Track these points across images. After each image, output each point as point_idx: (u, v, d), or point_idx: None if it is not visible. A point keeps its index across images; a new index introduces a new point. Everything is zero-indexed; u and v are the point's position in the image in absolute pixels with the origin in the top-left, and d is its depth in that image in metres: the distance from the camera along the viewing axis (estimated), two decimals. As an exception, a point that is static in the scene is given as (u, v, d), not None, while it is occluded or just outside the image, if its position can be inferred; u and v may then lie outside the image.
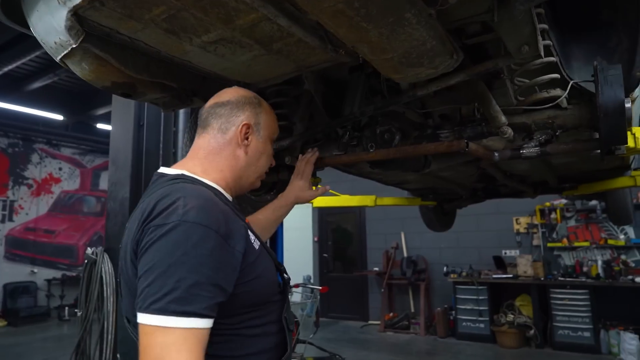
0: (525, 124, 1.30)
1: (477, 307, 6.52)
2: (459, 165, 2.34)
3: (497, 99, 1.53)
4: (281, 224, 3.59)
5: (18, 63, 5.97)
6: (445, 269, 6.97)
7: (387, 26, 0.93)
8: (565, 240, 6.53)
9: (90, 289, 3.04)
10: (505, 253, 7.07)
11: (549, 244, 6.68)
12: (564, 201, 6.43)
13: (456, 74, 1.25)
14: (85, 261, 3.08)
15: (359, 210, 8.78)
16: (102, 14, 1.12)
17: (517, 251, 6.96)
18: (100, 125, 9.75)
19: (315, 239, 9.61)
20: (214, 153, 1.07)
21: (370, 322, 8.25)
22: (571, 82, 1.20)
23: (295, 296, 4.98)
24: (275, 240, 3.58)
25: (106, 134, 10.01)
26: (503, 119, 1.26)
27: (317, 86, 1.69)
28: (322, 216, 9.61)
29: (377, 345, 6.87)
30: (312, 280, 9.52)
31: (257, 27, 1.21)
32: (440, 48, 1.07)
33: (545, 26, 1.23)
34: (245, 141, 1.08)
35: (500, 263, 6.81)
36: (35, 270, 9.61)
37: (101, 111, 8.47)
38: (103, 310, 2.97)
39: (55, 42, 1.18)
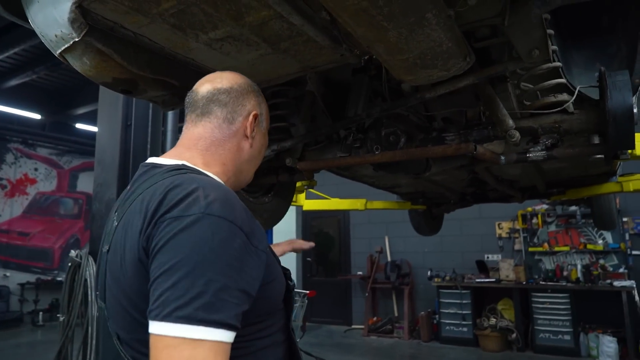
0: (532, 128, 1.32)
1: (460, 311, 6.58)
2: (453, 170, 2.36)
3: (503, 104, 1.55)
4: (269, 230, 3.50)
5: (-5, 59, 5.77)
6: (429, 273, 7.02)
7: (407, 26, 0.93)
8: (546, 244, 6.67)
9: (73, 293, 2.94)
10: (488, 257, 7.17)
11: (530, 249, 6.80)
12: (545, 206, 6.57)
13: (466, 77, 1.25)
14: (69, 264, 2.97)
15: (343, 214, 8.78)
16: (108, 7, 1.08)
17: (499, 255, 7.07)
18: (79, 125, 9.51)
19: (299, 242, 9.56)
20: (216, 145, 0.94)
21: (353, 326, 8.25)
22: (578, 88, 1.21)
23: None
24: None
25: (86, 134, 9.77)
26: (510, 122, 1.27)
27: (319, 87, 1.67)
28: (306, 220, 9.58)
29: (360, 349, 6.86)
30: (295, 285, 9.45)
31: (266, 25, 1.19)
32: (455, 50, 1.06)
33: (552, 31, 1.24)
34: (253, 132, 0.98)
35: (482, 267, 6.91)
36: (8, 274, 9.25)
37: (81, 110, 8.26)
38: (87, 315, 2.87)
39: (56, 35, 1.14)
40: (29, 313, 9.05)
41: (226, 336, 0.67)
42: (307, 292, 4.47)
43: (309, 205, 3.57)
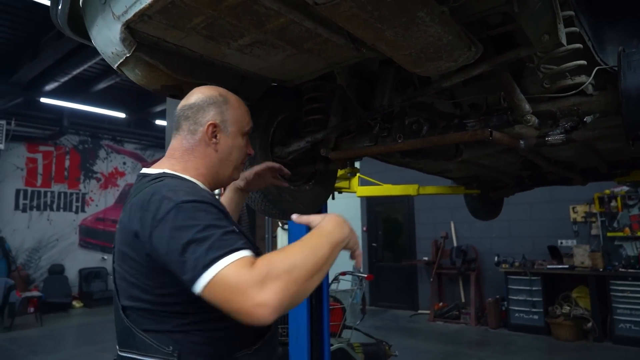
0: (550, 112, 1.31)
1: (530, 298, 6.33)
2: (498, 153, 2.33)
3: (528, 87, 1.54)
4: (326, 210, 3.67)
5: (84, 67, 6.45)
6: (496, 258, 6.80)
7: (400, 25, 1.00)
8: (627, 229, 6.15)
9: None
10: (561, 243, 6.78)
11: (608, 234, 6.32)
12: (625, 188, 6.05)
13: (478, 65, 1.28)
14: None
15: (408, 199, 8.72)
16: (151, 26, 1.27)
17: (574, 241, 6.65)
18: (158, 122, 10.34)
19: (364, 228, 9.68)
20: (187, 153, 1.12)
21: (419, 311, 8.24)
22: (596, 68, 1.19)
23: (344, 284, 5.09)
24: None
25: (164, 129, 10.62)
26: (527, 107, 1.28)
27: (349, 81, 1.76)
28: (371, 206, 9.65)
29: (425, 334, 6.87)
30: (362, 270, 9.62)
31: (287, 30, 1.31)
32: (457, 42, 1.11)
33: (572, 13, 1.23)
34: (214, 139, 1.11)
35: (555, 253, 6.55)
36: (105, 257, 10.43)
37: (158, 108, 8.99)
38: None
39: (112, 52, 1.35)
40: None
41: (245, 253, 0.84)
42: (365, 275, 4.58)
43: (362, 191, 3.66)
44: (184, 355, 0.94)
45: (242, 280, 0.79)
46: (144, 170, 1.12)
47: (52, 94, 7.81)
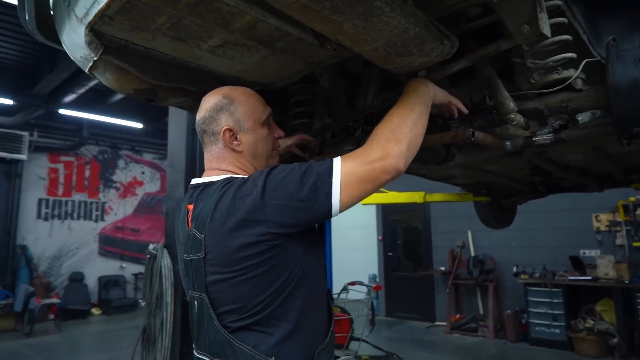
0: (537, 109, 1.21)
1: (551, 311, 6.06)
2: (501, 158, 2.22)
3: (522, 84, 1.44)
4: (328, 225, 3.59)
5: (100, 78, 6.58)
6: (515, 269, 6.56)
7: (358, 17, 0.93)
8: (656, 239, 5.85)
9: (151, 281, 3.29)
10: (584, 253, 6.49)
11: (634, 244, 6.00)
12: (652, 195, 5.76)
13: (458, 61, 1.20)
14: (147, 256, 3.34)
15: (424, 207, 8.55)
16: (115, 28, 1.23)
17: (598, 251, 6.35)
18: (175, 131, 10.46)
19: (380, 237, 9.53)
20: (222, 160, 1.19)
21: (436, 323, 8.01)
22: (584, 61, 1.09)
23: (353, 294, 4.97)
24: (324, 245, 3.59)
25: (181, 139, 10.78)
26: (512, 105, 1.18)
27: (334, 82, 1.70)
28: (386, 214, 9.50)
29: (442, 347, 6.65)
30: (377, 279, 9.45)
31: (254, 29, 1.25)
32: (427, 35, 1.03)
33: (559, 2, 1.14)
34: (236, 141, 1.17)
35: (578, 264, 6.27)
36: (124, 265, 10.58)
37: (175, 118, 9.11)
38: (163, 300, 3.20)
39: (80, 57, 1.32)
40: (141, 299, 10.26)
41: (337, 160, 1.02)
42: (372, 285, 4.46)
43: (366, 199, 3.57)
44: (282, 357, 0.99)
45: (363, 160, 1.01)
46: (203, 180, 1.18)
47: (71, 106, 8.01)
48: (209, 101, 1.22)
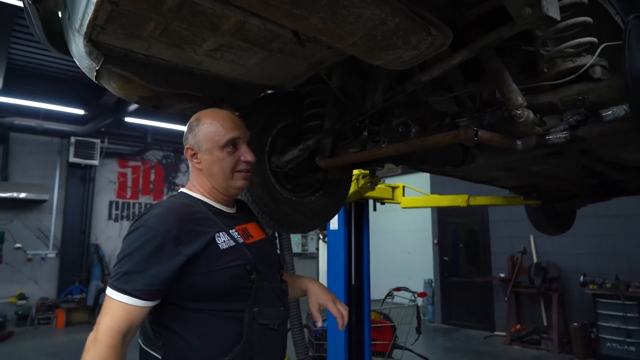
0: (551, 104, 1.05)
1: (624, 326, 5.47)
2: (542, 158, 2.02)
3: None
4: (367, 222, 3.48)
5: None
6: (582, 278, 6.01)
7: (324, 10, 0.87)
8: None
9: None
10: (665, 262, 5.81)
11: None
12: None
13: (458, 53, 1.09)
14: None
15: (481, 210, 8.12)
16: (111, 37, 1.25)
17: (682, 260, 5.66)
18: (231, 136, 10.82)
19: (435, 241, 9.19)
20: (191, 175, 1.35)
21: (496, 332, 7.56)
22: (602, 45, 0.93)
23: (399, 299, 4.81)
24: (361, 249, 3.47)
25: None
26: (519, 99, 1.04)
27: (346, 82, 1.63)
28: (442, 217, 9.15)
29: (499, 359, 6.25)
30: (433, 285, 9.12)
31: (243, 30, 1.22)
32: (410, 25, 0.94)
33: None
34: (195, 159, 1.28)
35: (657, 274, 5.62)
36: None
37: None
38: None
39: (86, 66, 1.37)
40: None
41: (131, 300, 1.04)
42: (417, 292, 4.28)
43: (407, 202, 3.43)
44: (169, 350, 1.11)
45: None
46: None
47: (135, 114, 8.54)
48: (190, 120, 1.33)
